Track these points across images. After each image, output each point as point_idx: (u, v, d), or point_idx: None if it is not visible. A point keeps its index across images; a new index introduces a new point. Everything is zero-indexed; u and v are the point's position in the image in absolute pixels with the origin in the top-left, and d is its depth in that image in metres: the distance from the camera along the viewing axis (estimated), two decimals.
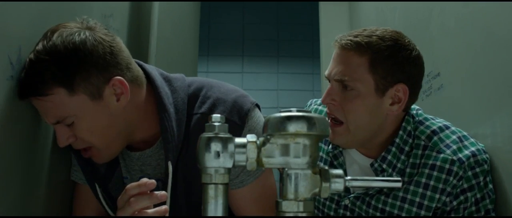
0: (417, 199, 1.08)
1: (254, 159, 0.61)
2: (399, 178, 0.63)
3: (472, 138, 1.11)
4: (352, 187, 0.63)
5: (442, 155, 1.06)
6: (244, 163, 0.62)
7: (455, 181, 1.05)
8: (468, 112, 1.28)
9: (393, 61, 1.04)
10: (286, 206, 0.59)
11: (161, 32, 2.03)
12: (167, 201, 0.94)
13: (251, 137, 0.62)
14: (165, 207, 0.89)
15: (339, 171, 0.62)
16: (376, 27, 1.11)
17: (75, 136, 0.95)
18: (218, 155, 0.60)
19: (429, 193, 1.06)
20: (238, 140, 0.62)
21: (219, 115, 0.63)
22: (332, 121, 1.10)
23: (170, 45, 2.21)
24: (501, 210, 1.08)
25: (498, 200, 1.09)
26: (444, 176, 1.05)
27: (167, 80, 1.06)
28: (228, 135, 0.62)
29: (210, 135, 0.61)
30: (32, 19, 0.94)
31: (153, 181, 0.87)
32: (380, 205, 1.12)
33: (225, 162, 0.61)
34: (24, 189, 0.97)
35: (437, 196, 1.06)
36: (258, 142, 0.62)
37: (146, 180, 0.87)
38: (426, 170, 1.07)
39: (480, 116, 1.20)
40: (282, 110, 0.60)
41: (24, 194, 0.97)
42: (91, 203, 1.13)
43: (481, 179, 1.05)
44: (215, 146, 0.61)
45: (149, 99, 1.03)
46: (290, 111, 0.60)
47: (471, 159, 1.05)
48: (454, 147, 1.07)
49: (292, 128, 0.59)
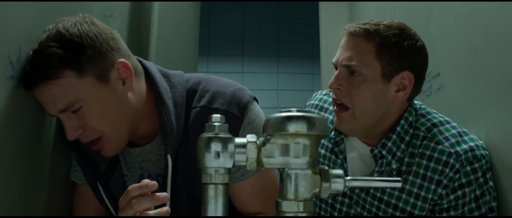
0: (415, 190, 1.09)
1: (254, 159, 0.61)
2: (398, 178, 0.63)
3: (472, 135, 1.12)
4: (352, 187, 0.63)
5: (440, 147, 1.08)
6: (244, 163, 0.62)
7: (451, 174, 1.05)
8: (468, 112, 1.28)
9: (399, 49, 1.07)
10: (286, 206, 0.59)
11: (161, 32, 2.03)
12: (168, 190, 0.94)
13: (251, 137, 0.62)
14: (166, 209, 0.89)
15: (339, 171, 0.62)
16: (383, 19, 1.14)
17: (84, 127, 0.95)
18: (218, 155, 0.61)
19: (425, 183, 1.08)
20: (238, 140, 0.62)
21: (219, 115, 0.63)
22: (338, 106, 1.13)
23: (170, 45, 2.21)
24: (499, 208, 1.09)
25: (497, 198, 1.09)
26: (440, 167, 1.07)
27: (165, 76, 1.08)
28: (228, 135, 0.62)
29: (210, 135, 0.61)
30: (32, 19, 0.94)
31: (155, 182, 0.87)
32: (378, 193, 1.13)
33: (225, 162, 0.61)
34: (25, 189, 0.97)
35: (433, 187, 1.07)
36: (258, 142, 0.62)
37: (148, 182, 0.87)
38: (424, 161, 1.09)
39: (480, 116, 1.20)
40: (282, 110, 0.60)
41: (25, 194, 0.97)
42: (91, 203, 1.13)
43: (480, 174, 1.06)
44: (215, 146, 0.61)
45: (148, 95, 1.04)
46: (290, 111, 0.60)
47: (469, 154, 1.06)
48: (453, 140, 1.09)
49: (292, 128, 0.59)
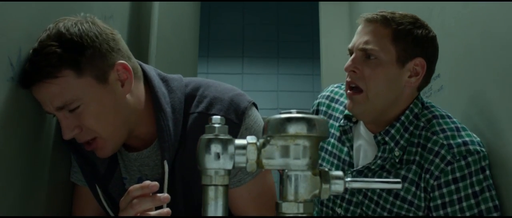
0: (416, 179, 1.11)
1: (254, 161, 0.61)
2: (398, 180, 0.63)
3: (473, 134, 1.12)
4: (352, 188, 0.63)
5: (434, 137, 1.11)
6: (244, 165, 0.62)
7: (442, 165, 1.07)
8: (468, 112, 1.28)
9: (413, 37, 1.13)
10: (286, 208, 0.60)
11: (161, 33, 2.03)
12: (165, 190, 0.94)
13: (251, 139, 0.62)
14: (167, 210, 0.89)
15: (339, 173, 0.62)
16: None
17: (80, 127, 0.94)
18: (218, 156, 0.61)
19: (419, 170, 1.11)
20: (238, 141, 0.62)
21: (219, 117, 0.63)
22: (352, 90, 1.16)
23: (170, 46, 2.21)
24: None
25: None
26: (431, 157, 1.09)
27: (164, 80, 1.07)
28: (228, 137, 0.62)
29: (210, 136, 0.61)
30: (32, 21, 0.95)
31: (156, 183, 0.87)
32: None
33: (225, 163, 0.61)
34: (25, 190, 0.97)
35: (423, 175, 1.09)
36: (258, 144, 0.62)
37: (149, 182, 0.87)
38: (419, 149, 1.12)
39: (480, 117, 1.21)
40: (282, 111, 0.61)
41: (25, 195, 0.97)
42: (91, 204, 1.13)
43: (473, 169, 1.06)
44: (215, 148, 0.61)
45: (146, 99, 1.04)
46: (290, 113, 0.60)
47: (462, 147, 1.07)
48: (448, 133, 1.11)
49: (292, 129, 0.59)
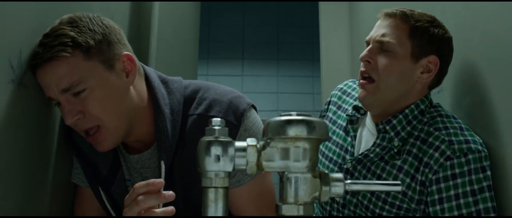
0: (412, 171, 1.12)
1: (254, 163, 0.61)
2: (398, 182, 0.63)
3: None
4: (352, 190, 0.63)
5: (436, 133, 1.12)
6: (244, 167, 0.62)
7: (441, 160, 1.07)
8: (466, 114, 1.28)
9: (430, 34, 1.16)
10: (286, 210, 0.60)
11: (161, 35, 2.03)
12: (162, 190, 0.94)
13: (251, 141, 0.62)
14: (171, 208, 0.89)
15: (339, 175, 0.62)
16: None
17: (83, 113, 0.95)
18: (218, 158, 0.61)
19: (416, 163, 1.12)
20: (238, 143, 0.62)
21: (219, 119, 0.63)
22: (365, 79, 1.20)
23: (170, 48, 2.22)
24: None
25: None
26: (431, 151, 1.10)
27: (164, 82, 1.08)
28: (228, 139, 0.62)
29: (210, 138, 0.62)
30: (32, 23, 0.95)
31: (161, 180, 0.88)
32: (378, 171, 1.18)
33: (225, 165, 0.61)
34: (28, 192, 0.97)
35: (422, 168, 1.10)
36: (258, 146, 0.62)
37: (154, 180, 0.87)
38: (418, 142, 1.14)
39: (479, 118, 1.21)
40: (282, 113, 0.61)
41: (27, 197, 0.97)
42: (93, 205, 1.13)
43: (473, 167, 1.06)
44: (215, 150, 0.61)
45: (148, 99, 1.05)
46: (290, 115, 0.60)
47: (464, 145, 1.08)
48: (451, 130, 1.12)
49: (292, 131, 0.59)
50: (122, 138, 1.02)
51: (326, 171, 1.24)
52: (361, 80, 1.20)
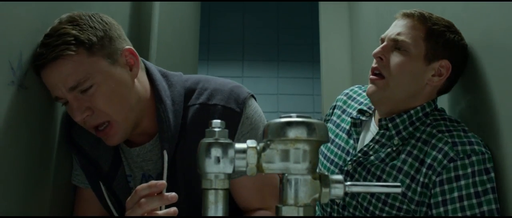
0: (412, 172, 1.12)
1: (254, 165, 0.61)
2: (398, 184, 0.63)
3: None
4: (352, 192, 0.63)
5: (439, 135, 1.12)
6: (244, 169, 0.62)
7: (445, 161, 1.07)
8: (465, 115, 1.28)
9: (445, 39, 1.17)
10: (286, 212, 0.60)
11: (161, 37, 2.03)
12: (164, 192, 0.94)
13: (251, 143, 0.62)
14: (174, 209, 0.89)
15: (338, 177, 0.62)
16: None
17: (91, 109, 0.96)
18: (218, 160, 0.61)
19: (417, 164, 1.12)
20: (238, 145, 0.62)
21: (219, 121, 0.63)
22: (375, 75, 1.20)
23: (171, 50, 2.22)
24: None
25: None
26: (434, 152, 1.10)
27: (164, 76, 1.10)
28: (228, 141, 0.62)
29: (210, 140, 0.61)
30: (32, 24, 0.95)
31: (164, 182, 0.87)
32: (378, 172, 1.18)
33: (225, 167, 0.61)
34: (28, 194, 0.97)
35: (424, 170, 1.10)
36: (258, 148, 0.62)
37: (156, 181, 0.87)
38: (419, 144, 1.14)
39: (478, 120, 1.21)
40: (282, 115, 0.61)
41: (28, 199, 0.97)
42: (93, 206, 1.14)
43: (477, 169, 1.06)
44: (215, 152, 0.61)
45: (150, 92, 1.06)
46: (290, 117, 0.60)
47: (467, 147, 1.07)
48: (454, 133, 1.12)
49: (292, 133, 0.59)
50: (131, 130, 1.03)
51: (327, 172, 1.24)
52: (372, 76, 1.21)
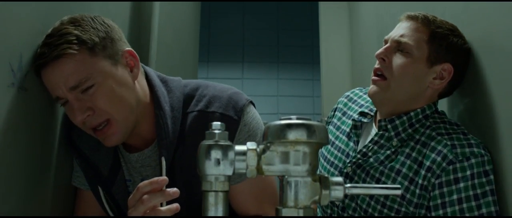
0: (410, 174, 1.12)
1: (254, 167, 0.61)
2: (398, 186, 0.63)
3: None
4: (352, 194, 0.63)
5: (438, 137, 1.12)
6: (244, 171, 0.62)
7: (444, 164, 1.07)
8: (466, 116, 1.28)
9: (448, 42, 1.17)
10: (286, 214, 0.60)
11: (161, 39, 2.04)
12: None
13: (251, 145, 0.62)
14: (176, 205, 0.89)
15: (338, 179, 0.62)
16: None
17: (92, 109, 0.96)
18: (218, 162, 0.61)
19: (415, 166, 1.12)
20: (238, 147, 0.62)
21: (219, 123, 0.63)
22: (377, 76, 1.20)
23: (171, 52, 2.22)
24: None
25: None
26: (433, 155, 1.10)
27: (163, 81, 1.10)
28: (228, 143, 0.62)
29: (210, 142, 0.62)
30: (32, 26, 0.95)
31: (165, 177, 0.87)
32: (377, 174, 1.18)
33: (225, 169, 0.61)
34: (29, 195, 0.97)
35: (423, 172, 1.09)
36: (258, 150, 0.62)
37: (158, 178, 0.87)
38: (418, 146, 1.14)
39: (477, 121, 1.21)
40: (282, 117, 0.61)
41: (28, 200, 0.97)
42: (93, 207, 1.14)
43: (476, 171, 1.05)
44: (215, 154, 0.61)
45: (149, 96, 1.06)
46: (290, 119, 0.60)
47: (466, 149, 1.07)
48: (454, 135, 1.12)
49: (292, 135, 0.59)
50: (129, 132, 1.03)
51: (327, 174, 1.24)
52: (374, 77, 1.21)
